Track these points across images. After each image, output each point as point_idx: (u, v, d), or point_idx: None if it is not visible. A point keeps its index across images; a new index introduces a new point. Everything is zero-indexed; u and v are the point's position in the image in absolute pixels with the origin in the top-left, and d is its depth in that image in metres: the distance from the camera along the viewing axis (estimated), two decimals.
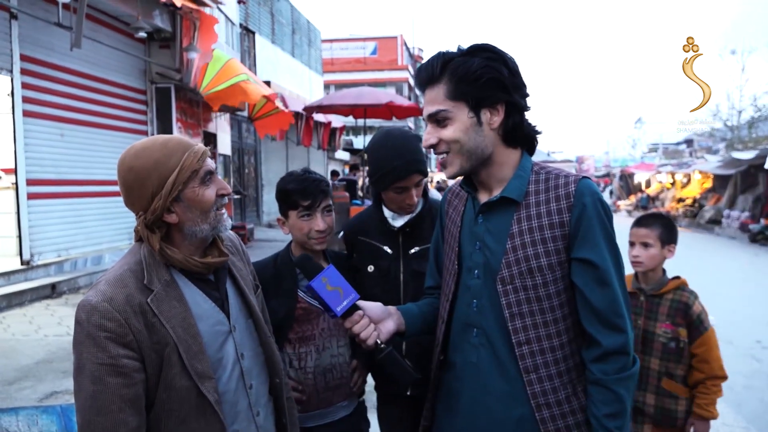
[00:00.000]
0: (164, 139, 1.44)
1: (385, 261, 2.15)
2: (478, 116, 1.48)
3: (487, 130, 1.49)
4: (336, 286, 1.53)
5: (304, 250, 2.10)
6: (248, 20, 16.81)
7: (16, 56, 7.72)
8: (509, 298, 1.47)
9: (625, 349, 1.43)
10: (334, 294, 1.52)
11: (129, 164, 1.40)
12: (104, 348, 1.30)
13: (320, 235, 2.05)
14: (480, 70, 1.44)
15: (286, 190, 2.06)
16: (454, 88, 1.47)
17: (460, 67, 1.46)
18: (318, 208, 2.05)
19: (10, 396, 4.50)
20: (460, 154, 1.50)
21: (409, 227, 2.14)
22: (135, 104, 10.76)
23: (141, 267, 1.41)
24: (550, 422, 1.45)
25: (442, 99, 1.48)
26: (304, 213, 2.04)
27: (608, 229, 1.47)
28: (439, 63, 1.48)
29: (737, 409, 4.54)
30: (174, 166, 1.39)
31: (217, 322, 1.48)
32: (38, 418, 2.17)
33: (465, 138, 1.48)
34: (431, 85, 1.50)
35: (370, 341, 1.53)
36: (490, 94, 1.46)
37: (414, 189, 2.09)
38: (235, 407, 1.49)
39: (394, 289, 2.12)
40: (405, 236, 2.16)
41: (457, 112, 1.48)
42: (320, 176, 2.09)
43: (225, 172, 14.88)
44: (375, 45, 37.48)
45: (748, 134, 27.05)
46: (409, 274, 2.12)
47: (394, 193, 2.10)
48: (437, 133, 1.51)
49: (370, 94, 11.84)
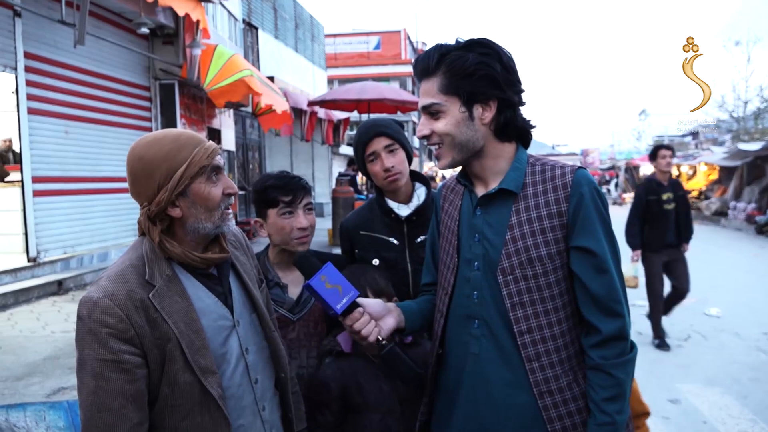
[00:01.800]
0: (177, 133, 1.44)
1: (391, 253, 2.15)
2: (470, 111, 1.50)
3: (478, 124, 1.51)
4: (335, 284, 1.53)
5: (282, 253, 2.05)
6: (251, 16, 16.78)
7: (20, 54, 7.74)
8: (510, 289, 1.49)
9: (623, 334, 1.47)
10: (334, 292, 1.52)
11: (139, 153, 1.40)
12: (106, 344, 1.31)
13: (302, 233, 1.99)
14: (474, 66, 1.46)
15: (265, 188, 2.00)
16: (448, 82, 1.49)
17: (455, 62, 1.48)
18: (300, 204, 2.00)
19: (18, 392, 4.53)
20: (451, 147, 1.53)
21: (416, 216, 2.15)
22: (139, 101, 10.77)
23: (143, 262, 1.41)
24: (552, 409, 1.48)
25: (435, 92, 1.51)
26: (285, 210, 1.98)
27: (605, 217, 1.50)
28: (436, 56, 1.50)
29: (743, 401, 4.53)
30: (183, 159, 1.39)
31: (220, 316, 1.48)
32: (46, 413, 2.18)
33: (456, 131, 1.50)
34: (427, 77, 1.53)
35: (371, 338, 1.54)
36: (482, 90, 1.48)
37: (384, 153, 2.11)
38: (240, 402, 1.50)
39: (402, 280, 2.12)
40: (410, 226, 2.16)
41: (449, 106, 1.50)
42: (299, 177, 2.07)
43: (229, 168, 14.90)
44: (378, 39, 37.37)
45: (754, 125, 26.86)
46: (417, 264, 2.12)
47: (371, 166, 2.14)
48: (430, 125, 1.54)
49: (374, 88, 11.82)
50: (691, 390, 4.79)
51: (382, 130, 2.12)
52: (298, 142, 18.93)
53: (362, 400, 1.88)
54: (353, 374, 1.90)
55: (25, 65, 7.84)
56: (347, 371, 1.89)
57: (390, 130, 2.13)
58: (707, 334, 6.42)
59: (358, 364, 1.91)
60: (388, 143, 2.12)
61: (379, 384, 1.89)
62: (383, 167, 2.11)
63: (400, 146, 2.14)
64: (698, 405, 4.49)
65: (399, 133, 2.15)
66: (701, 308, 7.57)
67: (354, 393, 1.87)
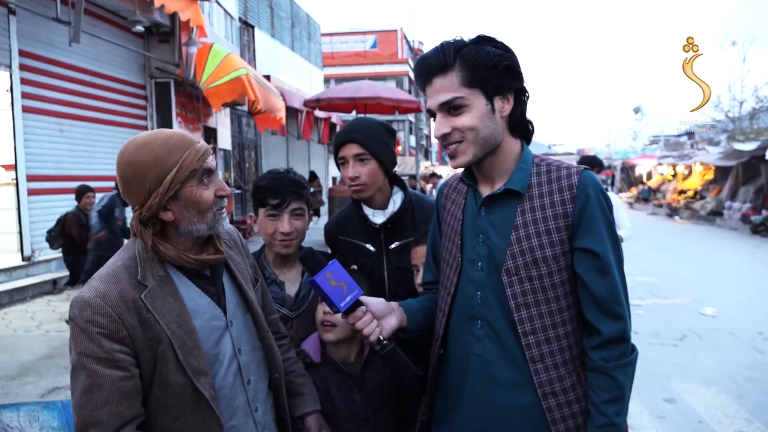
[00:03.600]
0: (166, 135, 1.41)
1: (368, 259, 2.11)
2: (492, 104, 1.48)
3: (498, 117, 1.49)
4: (340, 282, 1.50)
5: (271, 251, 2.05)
6: (247, 14, 16.75)
7: (15, 52, 7.71)
8: (514, 289, 1.48)
9: (624, 336, 1.46)
10: (338, 289, 1.50)
11: (128, 158, 1.37)
12: (98, 343, 1.30)
13: (284, 237, 1.96)
14: (497, 57, 1.44)
15: (258, 187, 1.99)
16: (472, 75, 1.45)
17: (478, 54, 1.44)
18: (286, 208, 1.96)
19: (12, 391, 4.51)
20: (474, 143, 1.48)
21: (391, 223, 2.10)
22: (134, 99, 10.74)
23: (135, 263, 1.39)
24: (557, 410, 1.47)
25: (457, 86, 1.46)
26: (271, 212, 1.96)
27: (609, 219, 1.49)
28: (452, 50, 1.46)
29: (739, 401, 4.54)
30: (174, 164, 1.36)
31: (213, 317, 1.47)
32: (39, 413, 2.17)
33: (481, 125, 1.47)
34: (443, 72, 1.47)
35: (373, 337, 1.53)
36: (505, 81, 1.47)
37: (353, 161, 2.05)
38: (233, 403, 1.48)
39: (378, 287, 2.09)
40: (386, 232, 2.12)
41: (473, 99, 1.46)
42: (299, 177, 2.02)
43: (225, 167, 14.87)
44: (375, 38, 37.36)
45: (749, 125, 26.95)
46: (391, 271, 2.10)
47: (342, 170, 2.09)
48: (450, 122, 1.48)
49: (370, 87, 11.79)
50: (687, 389, 4.79)
51: (354, 137, 2.04)
52: (294, 140, 18.91)
53: (334, 411, 1.83)
54: (324, 385, 1.85)
55: (19, 63, 7.81)
56: (318, 383, 1.83)
57: (364, 138, 2.04)
58: (703, 334, 6.43)
59: (329, 374, 1.87)
60: (358, 152, 2.04)
61: (351, 395, 1.85)
62: (348, 175, 2.07)
63: (373, 156, 2.05)
64: (694, 404, 4.49)
65: (375, 143, 2.05)
66: (697, 308, 7.59)
67: (326, 404, 1.82)
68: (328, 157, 24.53)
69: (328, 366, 1.88)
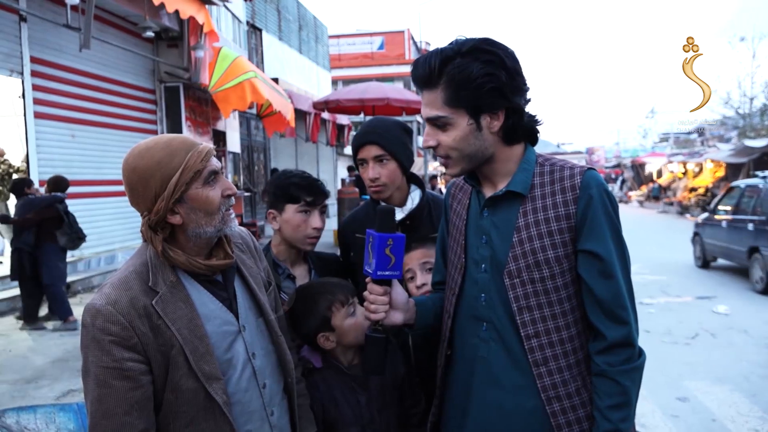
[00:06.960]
0: (168, 139, 1.42)
1: None
2: (478, 122, 1.45)
3: (486, 133, 1.47)
4: (393, 255, 1.49)
5: (290, 249, 2.08)
6: (255, 17, 16.81)
7: (26, 59, 7.79)
8: (517, 292, 1.47)
9: (630, 340, 1.43)
10: (387, 259, 1.49)
11: (132, 165, 1.38)
12: (108, 352, 1.31)
13: (316, 233, 2.04)
14: (480, 78, 1.40)
15: (289, 184, 2.03)
16: (453, 95, 1.42)
17: (460, 74, 1.41)
18: (318, 206, 2.05)
19: (28, 394, 4.56)
20: (459, 159, 1.49)
21: (409, 219, 2.12)
22: (144, 104, 10.82)
23: (146, 269, 1.40)
24: (561, 415, 1.45)
25: (440, 105, 1.44)
26: (304, 208, 2.02)
27: (614, 220, 1.46)
28: (437, 64, 1.43)
29: (753, 399, 4.51)
30: (177, 166, 1.37)
31: (225, 322, 1.47)
32: (56, 415, 2.19)
33: (464, 145, 1.46)
34: (429, 88, 1.46)
35: (375, 317, 1.53)
36: (490, 101, 1.43)
37: (372, 163, 2.08)
38: (248, 407, 1.49)
39: None
40: (404, 229, 2.10)
41: (456, 119, 1.44)
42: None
43: (235, 170, 14.93)
44: (382, 40, 37.35)
45: (760, 122, 26.72)
46: None
47: (361, 170, 2.13)
48: (437, 136, 1.48)
49: (378, 88, 11.80)
50: (700, 388, 4.77)
51: (374, 139, 2.08)
52: (302, 143, 18.95)
53: (339, 416, 1.82)
54: (328, 390, 1.84)
55: (31, 70, 7.89)
56: (322, 388, 1.83)
57: (383, 140, 2.08)
58: (716, 332, 6.39)
59: (332, 378, 1.86)
60: (378, 153, 2.07)
61: (356, 396, 1.84)
62: (368, 177, 2.10)
63: (392, 157, 2.08)
64: (707, 403, 4.47)
65: (394, 143, 2.09)
66: (709, 306, 7.54)
67: (331, 409, 1.81)
68: (336, 160, 24.56)
69: (330, 370, 1.87)
